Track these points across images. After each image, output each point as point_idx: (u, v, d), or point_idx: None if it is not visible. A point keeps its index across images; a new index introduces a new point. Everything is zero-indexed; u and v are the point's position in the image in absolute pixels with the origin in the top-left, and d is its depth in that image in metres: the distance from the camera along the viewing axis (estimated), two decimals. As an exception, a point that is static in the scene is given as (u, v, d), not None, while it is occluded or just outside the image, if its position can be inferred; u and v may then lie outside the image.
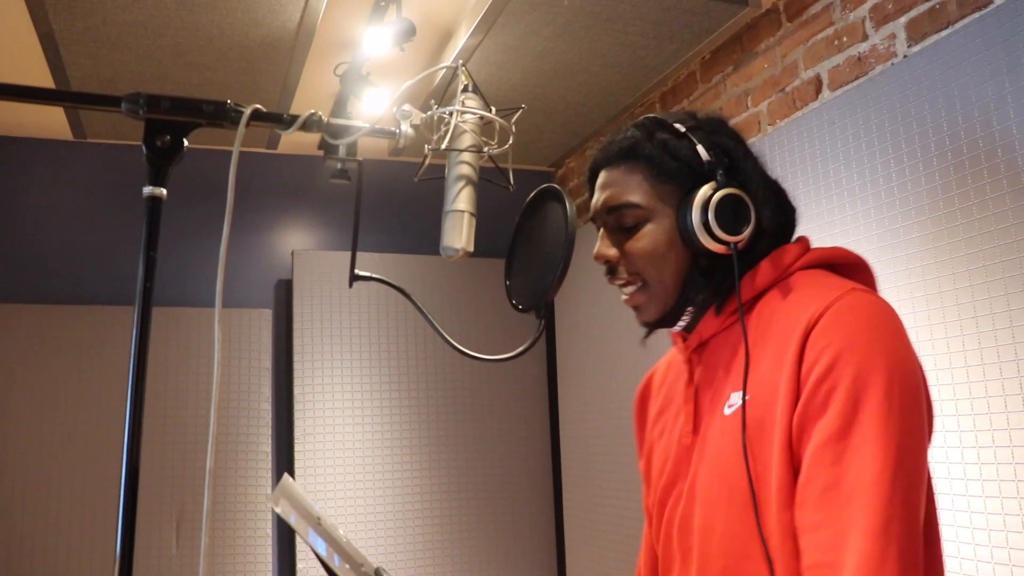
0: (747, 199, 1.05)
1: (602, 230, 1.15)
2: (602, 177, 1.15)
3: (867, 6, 2.31)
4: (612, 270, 1.14)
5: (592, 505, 3.49)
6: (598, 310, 3.47)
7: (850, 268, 1.08)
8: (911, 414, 0.90)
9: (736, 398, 1.02)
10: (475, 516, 3.71)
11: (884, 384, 0.89)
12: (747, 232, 1.05)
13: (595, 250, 1.13)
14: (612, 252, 1.12)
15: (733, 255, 1.05)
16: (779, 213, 1.10)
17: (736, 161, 1.09)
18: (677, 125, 1.11)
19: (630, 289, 1.13)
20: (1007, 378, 1.79)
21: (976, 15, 1.97)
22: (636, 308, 1.14)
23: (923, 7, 2.14)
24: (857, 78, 2.34)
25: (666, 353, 1.32)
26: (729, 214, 1.04)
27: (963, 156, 1.91)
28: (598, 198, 1.15)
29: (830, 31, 2.45)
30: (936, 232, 1.97)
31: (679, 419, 1.14)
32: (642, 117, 1.16)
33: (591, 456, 3.51)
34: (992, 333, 1.82)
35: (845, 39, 2.40)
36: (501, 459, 3.81)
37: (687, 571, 1.07)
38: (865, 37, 2.32)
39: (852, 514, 0.86)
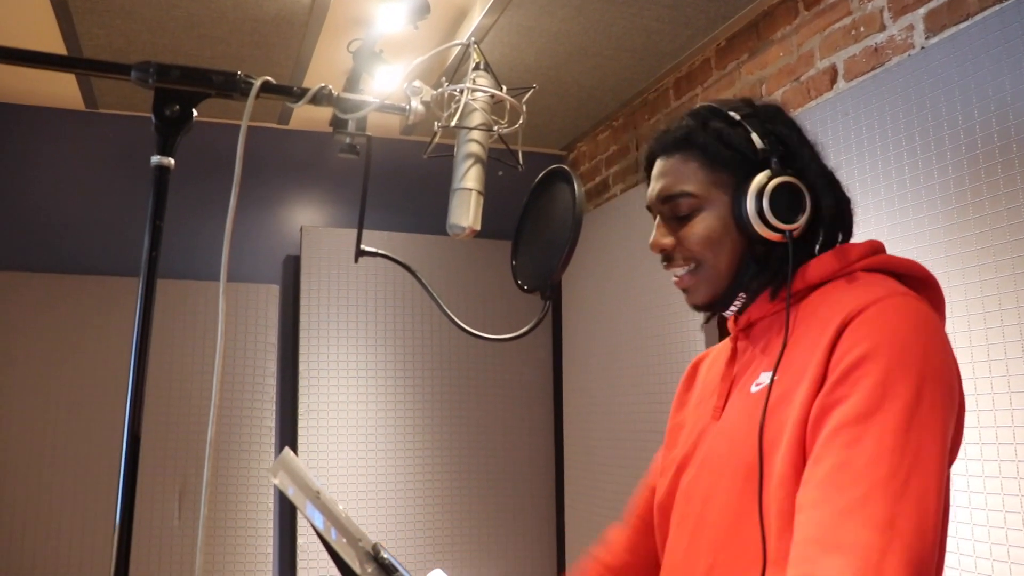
0: (803, 187, 1.05)
1: (657, 220, 1.14)
2: (657, 167, 1.15)
3: (886, -4, 2.29)
4: (668, 258, 1.13)
5: (593, 486, 3.50)
6: (605, 294, 3.47)
7: (918, 283, 1.06)
8: (937, 422, 0.88)
9: (765, 378, 1.03)
10: (476, 496, 3.72)
11: (915, 385, 0.88)
12: (802, 220, 1.05)
13: (651, 239, 1.13)
14: (668, 240, 1.12)
15: (788, 243, 1.05)
16: (835, 203, 1.09)
17: (791, 149, 1.09)
18: (732, 113, 1.11)
19: (681, 271, 1.13)
20: (1013, 375, 1.78)
21: (996, 8, 1.95)
22: (685, 290, 1.14)
23: (943, -2, 2.11)
24: (873, 69, 2.32)
25: (720, 344, 1.32)
26: (784, 202, 1.04)
27: (978, 150, 1.90)
28: (653, 187, 1.15)
29: (847, 21, 2.43)
30: (948, 226, 1.95)
31: (712, 397, 1.16)
32: (698, 105, 1.16)
33: (593, 438, 3.51)
34: (1000, 329, 1.81)
35: (862, 29, 2.38)
36: (504, 440, 3.81)
37: (680, 539, 1.09)
38: (883, 28, 2.30)
39: (857, 498, 0.84)
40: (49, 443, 3.24)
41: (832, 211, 1.08)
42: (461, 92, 1.16)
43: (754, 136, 1.08)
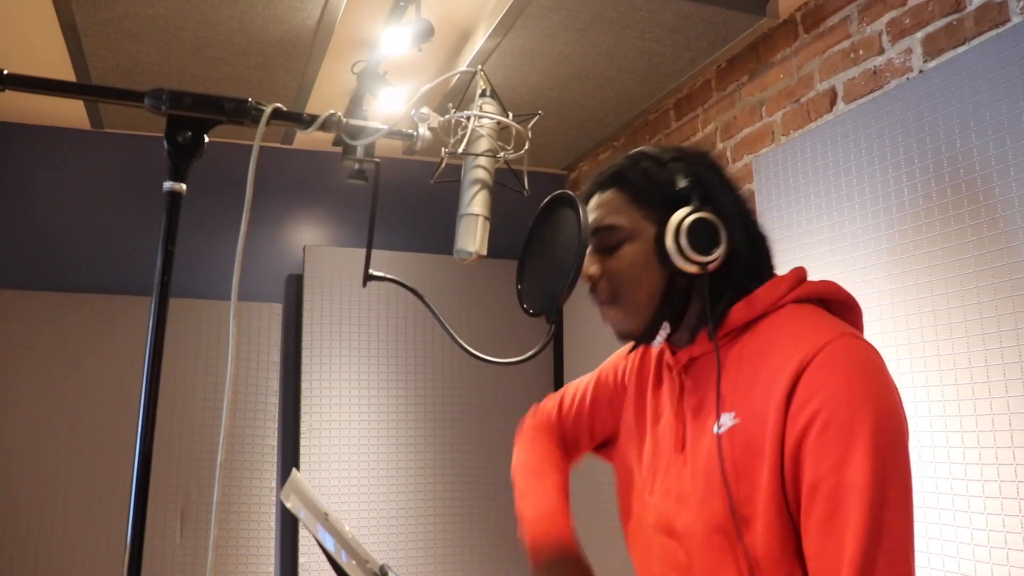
0: (718, 223, 1.11)
1: (588, 249, 1.19)
2: (592, 202, 1.22)
3: (884, 20, 2.32)
4: (593, 288, 1.20)
5: (592, 505, 3.50)
6: (606, 314, 3.48)
7: (840, 305, 1.13)
8: (895, 454, 0.96)
9: (726, 419, 1.07)
10: (477, 515, 3.72)
11: (871, 428, 0.95)
12: (718, 253, 1.10)
13: (583, 268, 1.18)
14: (594, 269, 1.18)
15: (704, 276, 1.11)
16: (751, 239, 1.16)
17: (710, 189, 1.15)
18: (660, 155, 1.20)
19: (603, 306, 1.20)
20: (1012, 396, 1.79)
21: (993, 32, 1.97)
22: (611, 323, 1.21)
23: (940, 23, 2.14)
24: (872, 91, 2.35)
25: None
26: (702, 237, 1.10)
27: (975, 173, 1.92)
28: (589, 220, 1.21)
29: (846, 44, 2.46)
30: (946, 248, 1.97)
31: (666, 425, 1.21)
32: (635, 150, 1.25)
33: (593, 460, 3.51)
34: (999, 351, 1.83)
35: (861, 52, 2.40)
36: (505, 460, 3.80)
37: (657, 568, 1.17)
38: (881, 51, 2.33)
39: (845, 543, 0.92)
40: (52, 461, 3.25)
41: (744, 245, 1.14)
42: (468, 119, 1.18)
43: (678, 176, 1.15)
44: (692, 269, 1.10)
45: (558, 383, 3.97)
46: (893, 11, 2.29)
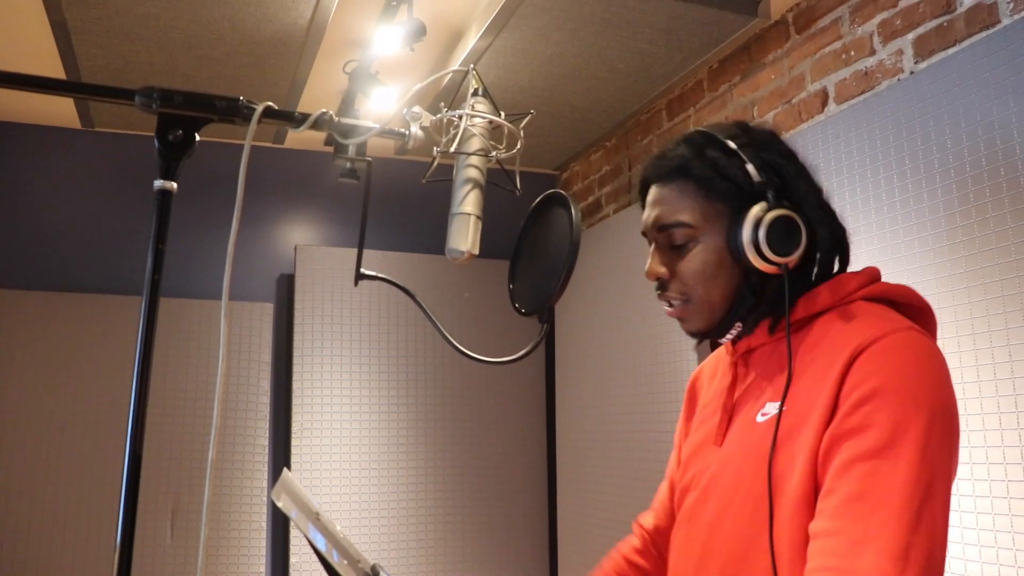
0: (799, 220, 1.05)
1: (653, 247, 1.15)
2: (653, 193, 1.15)
3: (875, 21, 2.33)
4: (662, 286, 1.14)
5: (585, 506, 3.50)
6: (597, 313, 3.49)
7: (913, 310, 1.07)
8: (946, 458, 0.91)
9: (771, 408, 1.04)
10: (469, 515, 3.72)
11: (926, 421, 0.90)
12: (798, 253, 1.05)
13: (646, 267, 1.14)
14: (663, 270, 1.12)
15: (784, 275, 1.05)
16: (831, 235, 1.09)
17: (787, 180, 1.09)
18: (728, 142, 1.10)
19: (674, 302, 1.14)
20: (1002, 395, 1.80)
21: (983, 34, 1.98)
22: (679, 318, 1.15)
23: (931, 24, 2.15)
24: (863, 92, 2.35)
25: (715, 351, 1.34)
26: (780, 234, 1.04)
27: (966, 174, 1.93)
28: (649, 215, 1.15)
29: (838, 45, 2.47)
30: (938, 248, 1.98)
31: (713, 419, 1.17)
32: (693, 131, 1.15)
33: (586, 459, 3.52)
34: (990, 351, 1.84)
35: (853, 53, 2.41)
36: (497, 459, 3.82)
37: (686, 563, 1.11)
38: (873, 52, 2.34)
39: (873, 528, 0.87)
40: (42, 460, 3.24)
41: (828, 243, 1.08)
42: (460, 118, 1.18)
43: (750, 167, 1.07)
44: (771, 269, 1.05)
45: (550, 383, 3.97)
46: (884, 12, 2.30)
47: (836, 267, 1.12)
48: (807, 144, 2.42)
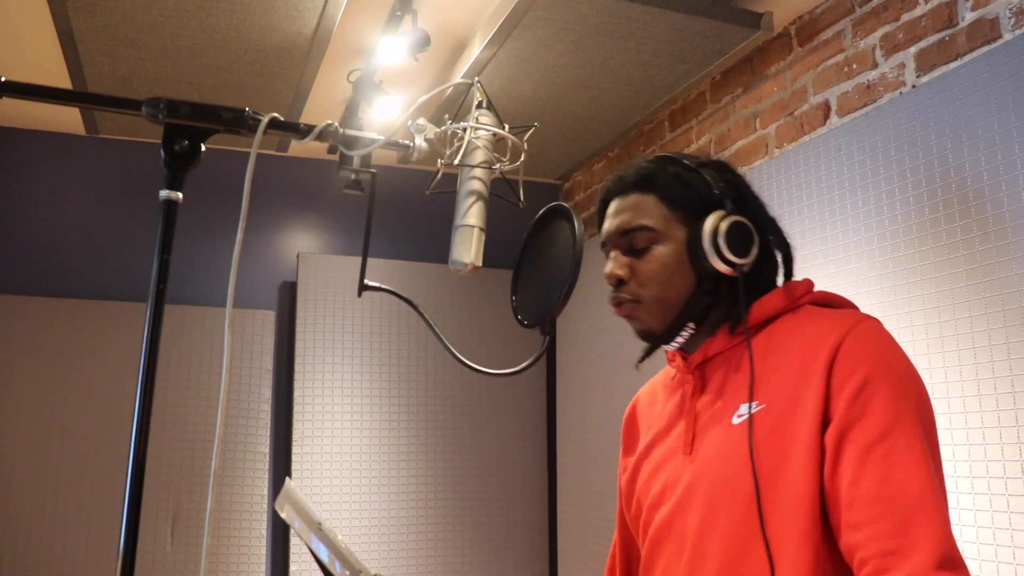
0: (752, 228, 1.14)
1: (614, 252, 1.21)
2: (615, 205, 1.22)
3: (878, 35, 2.34)
4: (617, 287, 1.20)
5: (586, 517, 3.50)
6: (600, 327, 3.49)
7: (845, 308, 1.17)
8: (933, 428, 1.02)
9: (745, 408, 1.08)
10: (470, 525, 3.72)
11: (915, 395, 1.01)
12: (752, 256, 1.13)
13: (606, 270, 1.19)
14: (624, 271, 1.19)
15: (740, 277, 1.13)
16: (781, 244, 1.21)
17: (743, 194, 1.19)
18: (687, 161, 1.21)
19: (625, 307, 1.20)
20: (1003, 409, 1.80)
21: (985, 49, 1.99)
22: (627, 318, 1.22)
23: (933, 38, 2.16)
24: (865, 105, 2.36)
25: (648, 381, 1.40)
26: (738, 239, 1.12)
27: (967, 188, 1.93)
28: (611, 224, 1.22)
29: (840, 58, 2.48)
30: (938, 262, 1.99)
31: (673, 432, 1.20)
32: (655, 155, 1.25)
33: (587, 470, 3.52)
34: (990, 364, 1.84)
35: (855, 66, 2.42)
36: (497, 469, 3.82)
37: (676, 571, 1.12)
38: (875, 65, 2.35)
39: (912, 503, 0.93)
40: (44, 466, 3.24)
41: (781, 251, 1.20)
42: (464, 130, 1.19)
43: (710, 180, 1.18)
44: (727, 270, 1.13)
45: (551, 395, 3.97)
46: (887, 26, 2.31)
47: (780, 278, 1.22)
48: (809, 156, 2.42)
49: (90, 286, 3.52)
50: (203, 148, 1.08)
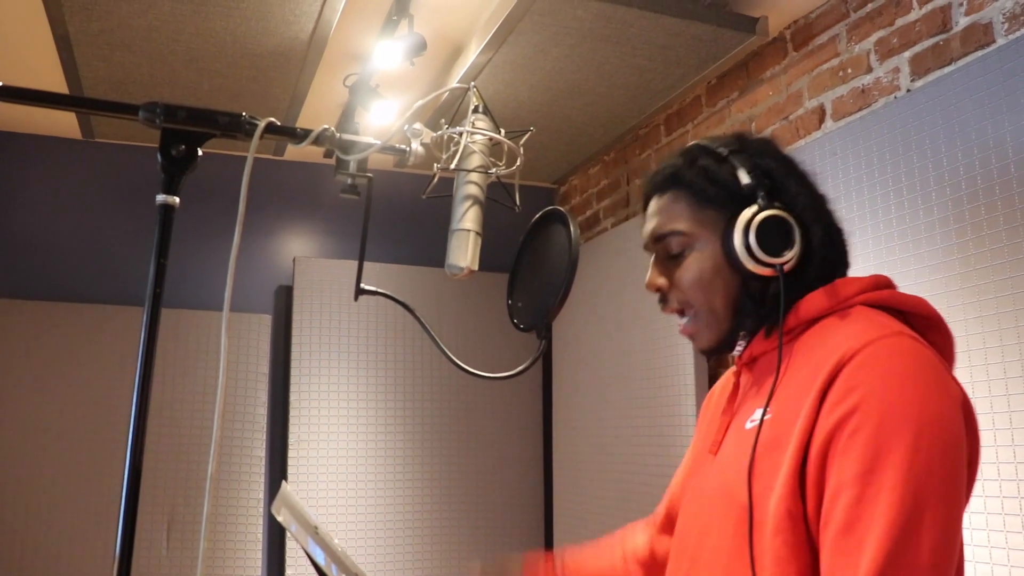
0: (791, 220, 1.04)
1: (653, 258, 1.15)
2: (651, 206, 1.15)
3: (872, 39, 2.35)
4: (663, 298, 1.13)
5: (582, 519, 3.50)
6: (596, 330, 3.49)
7: (923, 321, 1.04)
8: (938, 466, 0.86)
9: (758, 414, 1.01)
10: (466, 528, 3.72)
11: (911, 437, 0.86)
12: (792, 253, 1.03)
13: (646, 279, 1.13)
14: (661, 281, 1.12)
15: (779, 277, 1.03)
16: (825, 233, 1.07)
17: (778, 182, 1.08)
18: (720, 150, 1.10)
19: (682, 320, 1.13)
20: (997, 412, 1.81)
21: (979, 53, 2.00)
22: (690, 337, 1.13)
23: (927, 43, 2.17)
24: (860, 109, 2.37)
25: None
26: (773, 236, 1.03)
27: (961, 192, 1.94)
28: (646, 227, 1.15)
29: (835, 62, 2.48)
30: (934, 265, 1.99)
31: (711, 429, 1.16)
32: (691, 144, 1.16)
33: (582, 472, 3.52)
34: (984, 367, 1.85)
35: (850, 70, 2.43)
36: (493, 472, 3.82)
37: (678, 571, 1.10)
38: (869, 69, 2.36)
39: (855, 563, 0.84)
40: (40, 470, 3.23)
41: (822, 242, 1.06)
42: (460, 135, 1.19)
43: (740, 171, 1.07)
44: (765, 272, 1.03)
45: (547, 398, 3.97)
46: (881, 31, 2.32)
47: (837, 271, 1.09)
48: (804, 161, 2.41)
49: (87, 290, 3.52)
50: (200, 152, 1.08)
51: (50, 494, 3.23)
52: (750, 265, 1.03)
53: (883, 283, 1.06)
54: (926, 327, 1.03)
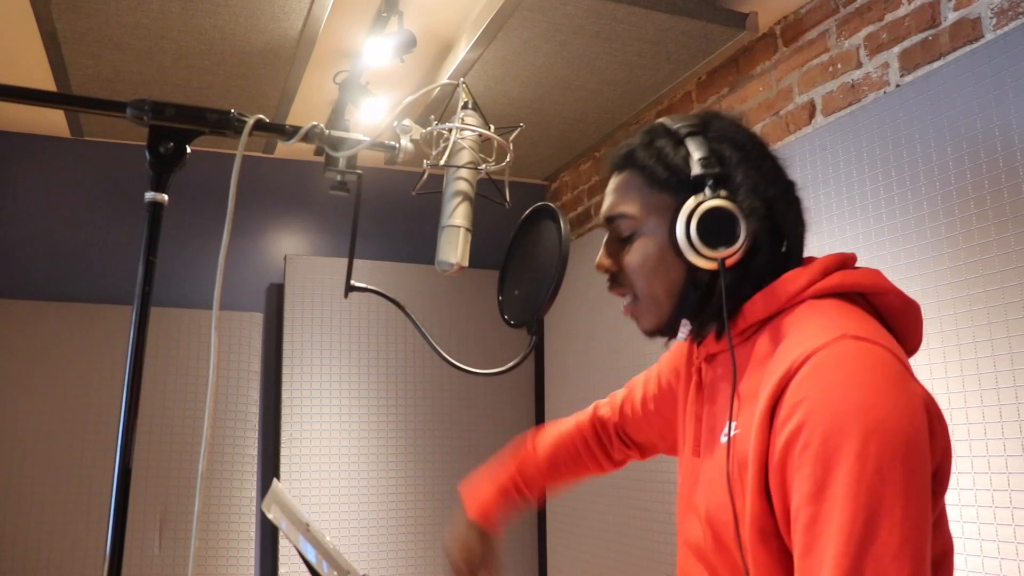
0: (736, 212, 0.99)
1: (605, 237, 1.12)
2: (609, 184, 1.12)
3: (862, 35, 2.35)
4: (612, 279, 1.11)
5: (574, 514, 3.51)
6: (587, 326, 3.50)
7: (878, 298, 1.00)
8: (889, 476, 0.82)
9: (727, 428, 0.99)
10: (458, 526, 3.72)
11: (857, 445, 0.82)
12: (735, 247, 0.98)
13: (596, 259, 1.11)
14: (607, 262, 1.10)
15: (720, 272, 0.99)
16: (776, 227, 1.03)
17: (730, 169, 1.02)
18: (680, 129, 1.06)
19: (625, 301, 1.11)
20: (987, 405, 1.82)
21: (967, 48, 2.01)
22: (633, 318, 1.11)
23: (916, 38, 2.17)
24: (850, 105, 2.37)
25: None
26: (717, 228, 0.98)
27: (950, 187, 1.95)
28: (603, 206, 1.12)
29: (825, 57, 2.49)
30: (923, 260, 2.00)
31: (685, 426, 1.14)
32: (656, 120, 1.12)
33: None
34: (974, 361, 1.85)
35: (839, 66, 2.43)
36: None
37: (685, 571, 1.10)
38: (859, 65, 2.36)
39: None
40: (31, 469, 3.22)
41: (768, 237, 1.02)
42: (450, 131, 1.19)
43: (694, 155, 1.02)
44: (708, 265, 0.99)
45: (539, 394, 3.98)
46: (870, 26, 2.32)
47: (790, 263, 1.05)
48: (794, 156, 2.44)
49: (75, 289, 3.51)
50: (188, 150, 1.08)
51: (40, 494, 3.22)
52: (691, 257, 1.00)
53: (833, 266, 1.01)
54: (891, 305, 1.00)
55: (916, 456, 0.84)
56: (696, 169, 1.01)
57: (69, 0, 2.42)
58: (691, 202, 1.00)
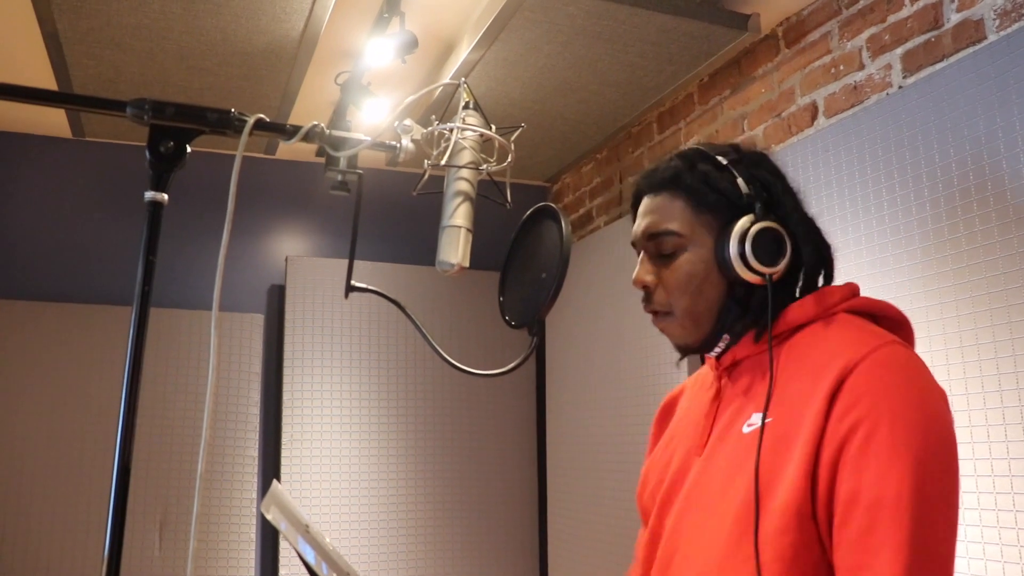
0: (784, 233, 1.09)
1: (642, 255, 1.17)
2: (644, 204, 1.18)
3: (864, 36, 2.35)
4: (648, 297, 1.16)
5: (576, 517, 3.50)
6: (589, 327, 3.49)
7: (892, 323, 1.11)
8: (943, 468, 0.93)
9: (757, 419, 1.05)
10: (459, 527, 3.71)
11: (919, 438, 0.92)
12: (782, 265, 1.08)
13: (634, 275, 1.16)
14: (650, 278, 1.15)
15: (768, 286, 1.08)
16: (816, 249, 1.13)
17: (775, 195, 1.13)
18: (719, 157, 1.14)
19: (659, 320, 1.16)
20: (990, 408, 1.81)
21: (970, 50, 2.00)
22: (668, 335, 1.17)
23: (919, 39, 2.17)
24: (852, 106, 2.37)
25: (698, 370, 1.35)
26: (766, 246, 1.08)
27: (953, 188, 1.94)
28: (639, 224, 1.18)
29: (827, 59, 2.48)
30: (925, 262, 1.99)
31: (692, 431, 1.17)
32: (687, 147, 1.20)
33: (576, 470, 3.52)
34: (977, 363, 1.85)
35: (842, 67, 2.43)
36: (487, 471, 3.81)
37: (661, 570, 1.10)
38: (862, 66, 2.36)
39: (884, 560, 0.89)
40: (31, 470, 3.21)
41: (812, 257, 1.12)
42: (451, 131, 1.19)
43: (740, 180, 1.12)
44: (755, 280, 1.09)
45: (540, 395, 3.97)
46: (873, 27, 2.32)
47: (821, 282, 1.15)
48: (797, 157, 2.43)
49: (75, 289, 3.50)
50: (189, 149, 1.08)
51: (40, 495, 3.22)
52: (742, 272, 1.08)
53: (856, 290, 1.13)
54: (895, 327, 1.10)
55: (955, 450, 0.96)
56: (746, 191, 1.11)
57: (70, 0, 2.42)
58: (745, 221, 1.09)
